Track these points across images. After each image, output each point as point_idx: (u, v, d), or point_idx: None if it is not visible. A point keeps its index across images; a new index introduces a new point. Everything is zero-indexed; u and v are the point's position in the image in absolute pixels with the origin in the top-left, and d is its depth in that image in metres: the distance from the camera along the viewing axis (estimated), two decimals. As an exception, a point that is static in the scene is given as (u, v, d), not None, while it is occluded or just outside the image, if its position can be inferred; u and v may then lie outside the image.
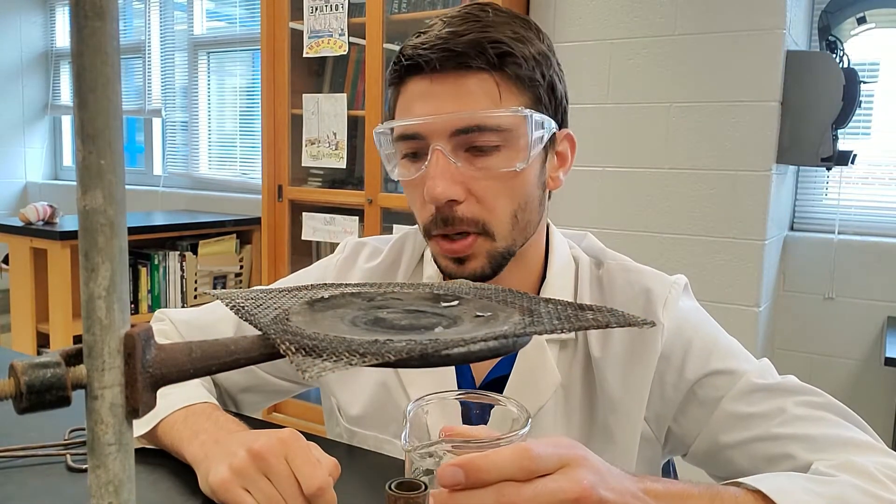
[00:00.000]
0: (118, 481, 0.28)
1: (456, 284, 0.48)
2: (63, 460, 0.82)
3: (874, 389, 2.26)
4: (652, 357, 0.81)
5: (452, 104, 0.75)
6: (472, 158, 0.77)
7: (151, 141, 3.95)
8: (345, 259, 0.96)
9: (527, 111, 0.76)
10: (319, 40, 2.68)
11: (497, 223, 0.78)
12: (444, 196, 0.75)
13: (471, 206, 0.77)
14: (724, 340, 0.84)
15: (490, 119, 0.75)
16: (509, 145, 0.77)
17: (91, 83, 0.26)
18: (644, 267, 0.88)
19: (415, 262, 0.93)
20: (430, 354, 0.32)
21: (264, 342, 0.33)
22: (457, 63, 0.75)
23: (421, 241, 0.92)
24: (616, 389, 0.82)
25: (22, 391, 0.28)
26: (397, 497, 0.54)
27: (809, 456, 0.74)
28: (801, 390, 0.80)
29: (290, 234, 2.87)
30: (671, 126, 2.22)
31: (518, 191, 0.78)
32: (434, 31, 0.77)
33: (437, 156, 0.75)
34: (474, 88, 0.75)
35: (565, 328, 0.37)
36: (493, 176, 0.77)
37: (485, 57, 0.74)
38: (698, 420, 0.81)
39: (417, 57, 0.76)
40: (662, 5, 2.21)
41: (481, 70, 0.75)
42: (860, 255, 2.31)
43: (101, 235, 0.27)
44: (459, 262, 0.79)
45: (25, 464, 0.81)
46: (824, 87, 2.13)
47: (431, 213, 0.78)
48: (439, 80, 0.76)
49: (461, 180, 0.76)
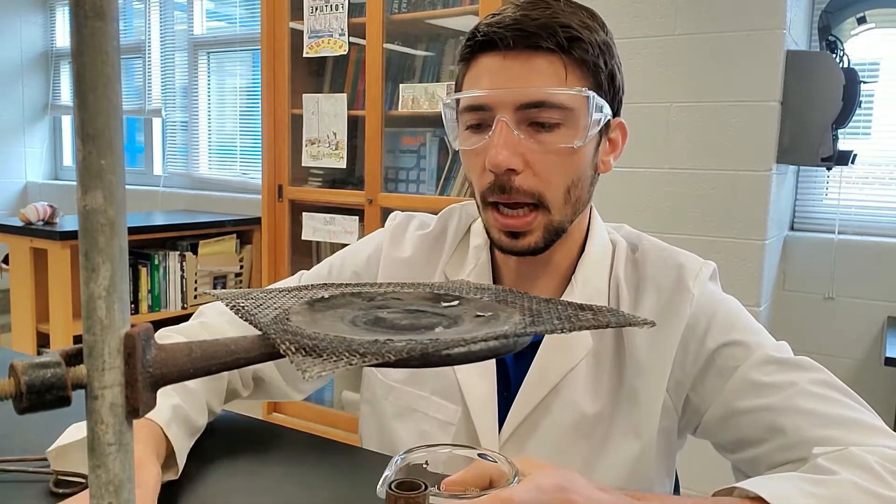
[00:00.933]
0: (118, 481, 0.28)
1: (456, 284, 0.48)
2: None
3: (874, 389, 2.26)
4: (679, 324, 0.85)
5: (520, 80, 0.80)
6: (534, 133, 0.81)
7: (151, 141, 3.95)
8: (396, 226, 1.00)
9: (589, 92, 0.81)
10: (319, 40, 2.69)
11: (552, 196, 0.82)
12: (505, 164, 0.79)
13: (528, 178, 0.81)
14: (746, 317, 0.88)
15: (555, 96, 0.79)
16: (569, 123, 0.81)
17: (91, 83, 0.26)
18: (676, 248, 0.92)
19: (461, 234, 0.97)
20: (431, 354, 0.32)
21: (264, 342, 0.33)
22: (528, 43, 0.79)
23: (468, 215, 0.98)
24: (643, 354, 0.86)
25: (22, 391, 0.28)
26: (397, 497, 0.54)
27: (815, 432, 0.76)
28: (816, 368, 0.83)
29: (290, 234, 2.87)
30: (671, 126, 2.22)
31: (573, 167, 0.83)
32: (507, 13, 0.81)
33: (502, 126, 0.80)
34: (543, 67, 0.80)
35: (566, 328, 0.37)
36: (552, 151, 0.81)
37: (555, 39, 0.79)
38: (714, 388, 0.84)
39: (492, 34, 0.80)
40: (662, 5, 2.21)
41: (550, 51, 0.80)
42: (860, 255, 2.31)
43: (101, 235, 0.27)
44: (514, 237, 0.83)
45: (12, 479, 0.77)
46: (824, 87, 2.13)
47: (490, 181, 0.82)
48: (511, 57, 0.80)
49: (522, 151, 0.80)
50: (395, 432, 0.93)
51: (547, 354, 0.87)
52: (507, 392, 0.89)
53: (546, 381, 0.87)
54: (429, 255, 0.97)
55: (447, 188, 2.60)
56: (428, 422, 0.91)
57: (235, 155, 3.70)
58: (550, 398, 0.86)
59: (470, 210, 0.98)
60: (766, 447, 0.80)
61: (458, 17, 2.54)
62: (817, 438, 0.76)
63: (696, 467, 1.92)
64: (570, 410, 0.86)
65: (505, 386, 0.89)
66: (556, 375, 0.86)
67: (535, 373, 0.87)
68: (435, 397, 0.91)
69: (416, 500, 0.54)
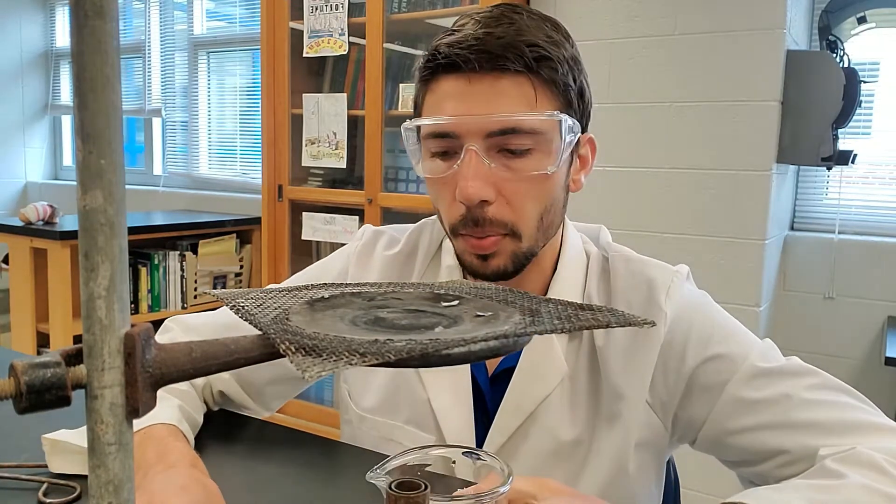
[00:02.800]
0: (118, 481, 0.28)
1: (456, 284, 0.48)
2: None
3: (874, 389, 2.26)
4: (654, 344, 0.82)
5: (487, 105, 0.75)
6: (505, 160, 0.77)
7: (151, 141, 3.95)
8: (363, 246, 0.96)
9: (562, 115, 0.77)
10: (319, 40, 2.68)
11: (524, 225, 0.79)
12: (477, 196, 0.75)
13: (500, 208, 0.77)
14: (723, 323, 0.85)
15: (526, 122, 0.75)
16: (541, 148, 0.77)
17: (91, 83, 0.26)
18: (646, 257, 0.89)
19: (432, 252, 0.94)
20: (431, 354, 0.32)
21: (264, 342, 0.33)
22: (494, 65, 0.75)
23: (438, 231, 0.94)
24: (619, 376, 0.83)
25: (22, 391, 0.28)
26: (397, 497, 0.54)
27: (817, 441, 0.75)
28: (806, 372, 0.81)
29: (290, 234, 2.87)
30: (671, 126, 2.22)
31: (546, 193, 0.79)
32: (468, 31, 0.77)
33: (471, 156, 0.76)
34: (510, 90, 0.76)
35: (566, 328, 0.37)
36: (524, 178, 0.77)
37: (522, 60, 0.75)
38: (704, 406, 0.82)
39: (454, 56, 0.75)
40: (662, 5, 2.21)
41: (518, 73, 0.75)
42: (860, 255, 2.31)
43: (101, 235, 0.27)
44: (483, 259, 0.80)
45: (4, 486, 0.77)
46: (824, 87, 2.13)
47: (461, 214, 0.78)
48: (475, 80, 0.76)
49: (493, 181, 0.76)
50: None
51: (522, 381, 0.84)
52: (486, 418, 0.86)
53: (521, 409, 0.84)
54: (399, 276, 0.93)
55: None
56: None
57: (235, 155, 3.70)
58: (527, 425, 0.84)
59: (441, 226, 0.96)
60: (771, 464, 0.79)
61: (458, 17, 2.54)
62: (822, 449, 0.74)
63: (696, 467, 1.92)
64: (547, 437, 0.84)
65: (483, 412, 0.87)
66: (532, 403, 0.84)
67: (511, 400, 0.84)
68: (409, 427, 0.88)
69: (415, 500, 0.54)
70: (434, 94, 0.80)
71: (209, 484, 0.69)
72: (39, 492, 0.74)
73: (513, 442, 0.85)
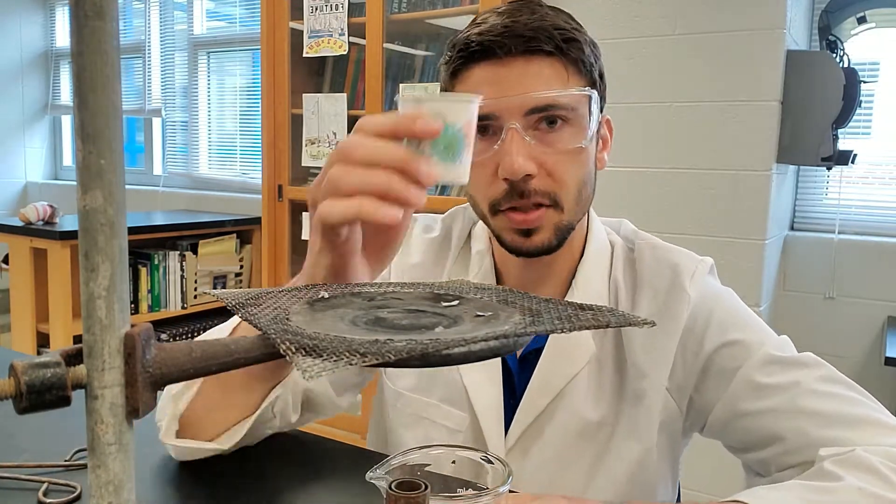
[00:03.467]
0: (118, 481, 0.28)
1: (456, 284, 0.48)
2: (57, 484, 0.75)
3: (874, 389, 2.24)
4: (677, 327, 0.85)
5: (522, 86, 0.79)
6: (542, 136, 0.81)
7: (151, 141, 3.95)
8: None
9: (592, 91, 0.82)
10: (319, 40, 2.68)
11: (566, 195, 0.82)
12: (522, 170, 0.79)
13: (543, 180, 0.81)
14: (744, 314, 0.87)
15: (562, 98, 0.80)
16: (575, 123, 0.82)
17: (91, 83, 0.26)
18: (672, 245, 0.92)
19: (464, 238, 0.98)
20: (431, 354, 0.32)
21: (264, 342, 0.33)
22: (527, 47, 0.79)
23: (469, 219, 0.98)
24: (643, 357, 0.86)
25: (22, 391, 0.28)
26: (397, 497, 0.54)
27: (820, 432, 0.76)
28: (819, 365, 0.83)
29: (290, 234, 2.87)
30: (671, 126, 2.22)
31: (582, 166, 0.84)
32: (494, 21, 0.81)
33: (513, 134, 0.79)
34: (543, 70, 0.80)
35: (566, 328, 0.37)
36: (562, 151, 0.81)
37: (552, 41, 0.79)
38: (717, 388, 0.84)
39: (488, 42, 0.79)
40: (662, 5, 2.21)
41: (549, 54, 0.80)
42: (860, 255, 2.31)
43: (101, 235, 0.27)
44: (527, 235, 0.83)
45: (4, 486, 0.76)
46: (824, 87, 2.13)
47: (504, 189, 0.81)
48: (508, 64, 0.79)
49: (535, 156, 0.80)
50: (402, 439, 0.93)
51: (550, 361, 0.87)
52: (513, 399, 0.89)
53: (549, 388, 0.87)
54: (435, 259, 0.97)
55: (447, 188, 2.60)
56: (436, 429, 0.91)
57: (235, 155, 3.70)
58: (554, 405, 0.87)
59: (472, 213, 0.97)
60: (773, 450, 0.80)
61: (458, 16, 2.54)
62: (823, 439, 0.76)
63: (697, 468, 1.92)
64: (573, 417, 0.87)
65: (510, 393, 0.89)
66: (560, 382, 0.87)
67: (539, 379, 0.87)
68: (444, 405, 0.91)
69: (416, 500, 0.54)
70: (465, 84, 0.83)
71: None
72: (39, 492, 0.74)
73: (540, 421, 0.87)
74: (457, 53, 0.83)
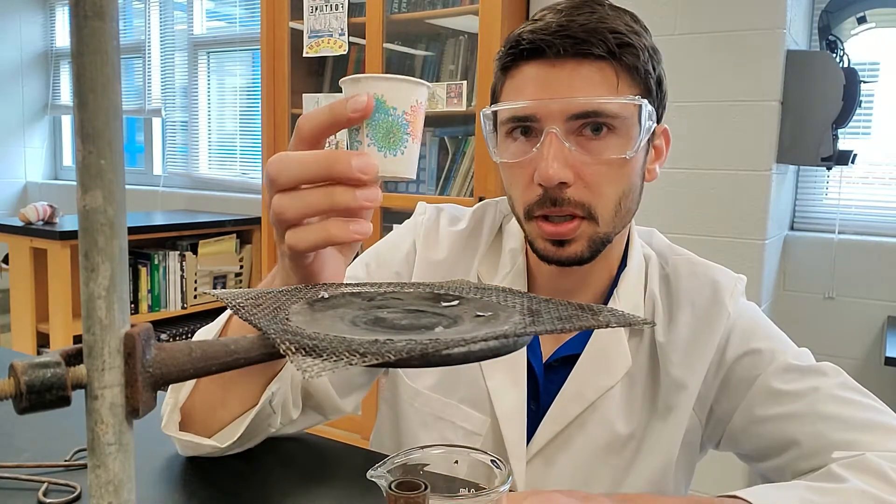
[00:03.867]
0: (118, 481, 0.28)
1: (456, 284, 0.48)
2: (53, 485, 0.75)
3: (874, 389, 2.25)
4: (714, 340, 0.85)
5: (570, 89, 0.76)
6: (584, 143, 0.77)
7: (151, 141, 3.95)
8: (429, 222, 0.95)
9: (642, 101, 0.77)
10: (319, 40, 2.69)
11: (602, 208, 0.79)
12: (557, 177, 0.75)
13: (579, 190, 0.77)
14: (765, 326, 0.88)
15: (607, 106, 0.76)
16: (620, 133, 0.77)
17: (91, 83, 0.26)
18: (708, 262, 0.92)
19: (494, 233, 0.94)
20: (431, 354, 0.32)
21: (264, 342, 0.33)
22: (578, 49, 0.75)
23: (500, 212, 0.95)
24: (679, 371, 0.85)
25: (22, 391, 0.28)
26: (397, 497, 0.54)
27: (835, 436, 0.77)
28: (836, 373, 0.83)
29: (290, 234, 2.87)
30: (671, 126, 2.21)
31: (624, 178, 0.79)
32: (550, 19, 0.77)
33: (552, 138, 0.76)
34: (593, 75, 0.76)
35: (566, 328, 0.37)
36: (603, 162, 0.77)
37: (606, 45, 0.75)
38: (736, 397, 0.84)
39: (539, 42, 0.76)
40: (662, 5, 2.20)
41: (601, 58, 0.76)
42: (860, 255, 2.31)
43: (101, 235, 0.27)
44: (560, 245, 0.80)
45: (4, 486, 0.76)
46: (824, 87, 2.13)
47: (538, 194, 0.78)
48: (558, 65, 0.76)
49: (572, 163, 0.77)
50: (418, 440, 0.89)
51: (585, 370, 0.85)
52: (536, 405, 0.87)
53: (583, 398, 0.84)
54: (462, 254, 0.93)
55: (447, 188, 2.60)
56: (454, 431, 0.88)
57: (235, 155, 3.70)
58: (586, 415, 0.85)
59: (503, 206, 0.95)
60: (789, 455, 0.80)
61: (458, 16, 2.54)
62: (838, 443, 0.76)
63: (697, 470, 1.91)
64: (604, 429, 0.85)
65: (533, 398, 0.87)
66: (595, 393, 0.84)
67: (572, 388, 0.85)
68: (464, 406, 0.88)
69: (416, 500, 0.54)
70: (514, 81, 0.80)
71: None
72: (39, 492, 0.74)
73: (568, 431, 0.85)
74: (508, 49, 0.80)
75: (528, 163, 0.78)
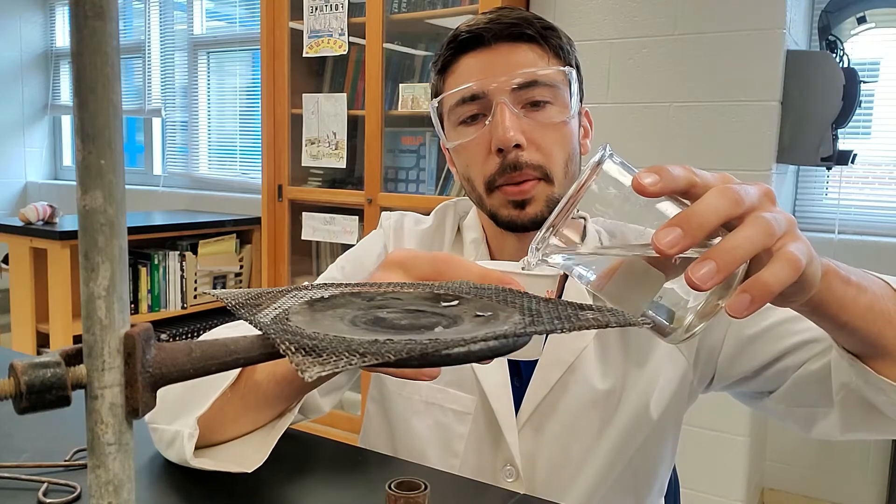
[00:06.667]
0: (118, 481, 0.28)
1: (456, 284, 0.48)
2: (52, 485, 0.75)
3: (874, 389, 2.25)
4: None
5: (510, 66, 0.87)
6: (529, 111, 0.88)
7: (151, 141, 3.95)
8: (395, 224, 1.04)
9: (571, 70, 0.89)
10: (319, 40, 2.68)
11: (555, 167, 0.88)
12: (513, 140, 0.84)
13: (532, 153, 0.86)
14: None
15: (546, 75, 0.87)
16: (557, 101, 0.88)
17: (91, 83, 0.26)
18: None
19: (456, 229, 1.02)
20: (430, 354, 0.32)
21: (264, 342, 0.33)
22: (510, 32, 0.87)
23: (460, 210, 1.03)
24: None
25: (22, 391, 0.28)
26: (397, 497, 0.54)
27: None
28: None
29: (290, 234, 2.87)
30: (671, 126, 2.22)
31: (567, 142, 0.89)
32: (479, 17, 0.89)
33: (502, 107, 0.85)
34: (527, 54, 0.88)
35: (566, 328, 0.37)
36: (549, 125, 0.88)
37: (534, 27, 0.88)
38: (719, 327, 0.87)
39: (477, 31, 0.88)
40: (662, 5, 2.21)
41: (532, 40, 0.88)
42: (860, 255, 2.31)
43: (101, 235, 0.27)
44: (521, 208, 0.87)
45: (3, 486, 0.76)
46: (824, 87, 2.13)
47: (497, 164, 0.87)
48: (495, 49, 0.88)
49: (524, 128, 0.86)
50: (411, 428, 0.94)
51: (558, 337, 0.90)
52: (518, 381, 0.91)
53: (561, 361, 0.89)
54: (430, 249, 0.99)
55: (447, 188, 2.60)
56: (445, 413, 0.93)
57: (235, 155, 3.70)
58: (566, 378, 0.89)
59: (461, 207, 1.02)
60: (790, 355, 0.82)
61: (458, 16, 2.54)
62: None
63: (696, 468, 1.91)
64: (585, 387, 0.89)
65: (515, 373, 0.92)
66: (571, 354, 0.89)
67: (549, 354, 0.90)
68: (451, 389, 0.93)
69: (416, 500, 0.54)
70: (456, 74, 0.90)
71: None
72: (39, 492, 0.74)
73: (552, 395, 0.90)
74: (447, 46, 0.90)
75: (482, 139, 0.87)
